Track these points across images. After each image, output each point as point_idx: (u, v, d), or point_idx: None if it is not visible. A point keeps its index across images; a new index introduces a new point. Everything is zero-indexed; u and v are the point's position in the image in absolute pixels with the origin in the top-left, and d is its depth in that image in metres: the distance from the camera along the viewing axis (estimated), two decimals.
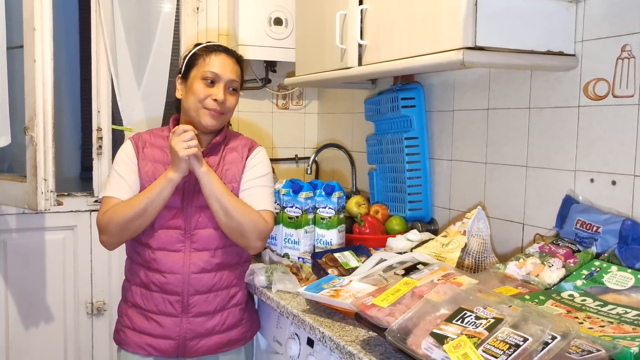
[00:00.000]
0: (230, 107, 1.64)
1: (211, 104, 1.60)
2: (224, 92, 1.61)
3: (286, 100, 2.92)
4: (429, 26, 1.52)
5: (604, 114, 1.48)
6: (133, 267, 1.66)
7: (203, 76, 1.61)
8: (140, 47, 2.54)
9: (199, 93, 1.60)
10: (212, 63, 1.62)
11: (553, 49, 1.51)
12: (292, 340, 1.55)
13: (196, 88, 1.61)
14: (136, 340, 1.62)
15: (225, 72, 1.62)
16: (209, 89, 1.61)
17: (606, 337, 1.04)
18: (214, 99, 1.60)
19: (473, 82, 1.91)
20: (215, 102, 1.60)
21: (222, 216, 1.56)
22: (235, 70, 1.65)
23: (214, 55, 1.63)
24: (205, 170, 1.55)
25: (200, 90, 1.60)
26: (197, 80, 1.62)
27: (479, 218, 1.65)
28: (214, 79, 1.61)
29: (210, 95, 1.60)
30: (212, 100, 1.60)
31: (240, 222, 1.56)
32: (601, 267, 1.35)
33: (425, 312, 1.10)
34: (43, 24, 2.01)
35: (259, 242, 1.60)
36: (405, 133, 2.08)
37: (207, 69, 1.61)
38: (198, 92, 1.60)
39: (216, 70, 1.61)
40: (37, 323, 2.48)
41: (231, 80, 1.63)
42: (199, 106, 1.61)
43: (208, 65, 1.61)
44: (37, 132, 2.03)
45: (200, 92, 1.60)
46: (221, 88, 1.61)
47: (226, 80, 1.62)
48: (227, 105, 1.63)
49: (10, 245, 2.41)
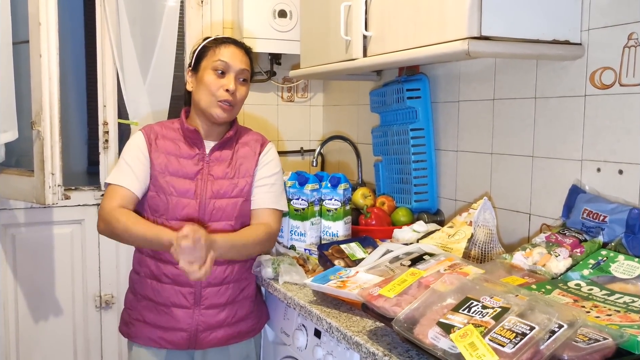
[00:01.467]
0: (241, 98, 1.65)
1: (223, 94, 1.60)
2: (235, 82, 1.62)
3: (291, 92, 2.92)
4: (434, 16, 1.51)
5: (610, 103, 1.47)
6: (143, 259, 1.67)
7: (214, 67, 1.62)
8: (146, 41, 2.54)
9: (210, 84, 1.61)
10: (222, 53, 1.62)
11: (559, 37, 1.50)
12: (299, 332, 1.56)
13: (207, 79, 1.61)
14: (147, 334, 1.63)
15: (235, 62, 1.62)
16: (220, 79, 1.62)
17: (613, 326, 1.04)
18: (225, 89, 1.60)
19: (478, 73, 1.90)
20: (227, 92, 1.60)
21: (245, 256, 1.66)
22: (245, 61, 1.66)
23: (224, 47, 1.64)
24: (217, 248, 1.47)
25: (212, 81, 1.61)
26: (207, 71, 1.62)
27: (485, 208, 1.64)
28: (224, 69, 1.62)
29: (222, 85, 1.61)
30: (224, 90, 1.60)
31: (258, 250, 1.67)
32: (608, 257, 1.35)
33: (432, 302, 1.10)
34: (48, 18, 2.01)
35: (271, 247, 1.72)
36: (410, 124, 2.08)
37: (217, 58, 1.62)
38: (209, 83, 1.61)
39: (226, 59, 1.62)
40: (46, 316, 2.50)
41: (242, 69, 1.64)
42: (211, 98, 1.61)
43: (218, 55, 1.62)
44: (44, 127, 2.04)
45: (211, 83, 1.61)
46: (232, 78, 1.62)
47: (237, 70, 1.63)
48: (238, 96, 1.64)
49: (18, 239, 2.43)
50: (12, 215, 2.41)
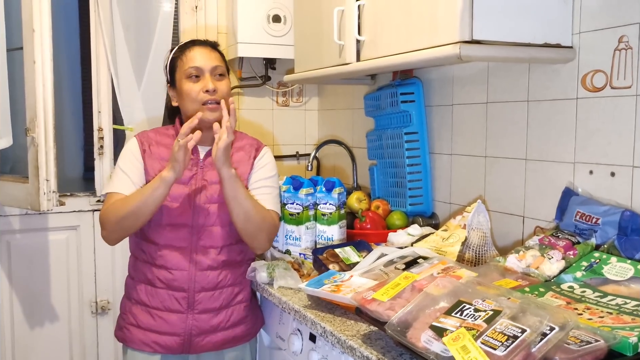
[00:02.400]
0: (224, 93, 1.64)
1: (204, 96, 1.61)
2: (212, 80, 1.62)
3: (286, 97, 2.92)
4: (425, 21, 1.52)
5: (602, 106, 1.48)
6: (137, 264, 1.67)
7: (187, 75, 1.63)
8: (140, 47, 2.55)
9: (189, 92, 1.62)
10: (189, 59, 1.64)
11: (550, 41, 1.51)
12: (294, 336, 1.56)
13: (185, 88, 1.63)
14: (141, 338, 1.63)
15: (205, 62, 1.63)
16: (197, 83, 1.62)
17: (605, 328, 1.04)
18: (205, 91, 1.61)
19: (471, 76, 1.91)
20: (208, 92, 1.61)
21: (241, 219, 1.57)
22: (215, 57, 1.66)
23: (189, 52, 1.65)
24: (232, 174, 1.54)
25: (190, 88, 1.62)
26: (183, 81, 1.63)
27: (479, 211, 1.65)
28: (197, 72, 1.63)
29: (201, 88, 1.61)
30: (204, 92, 1.61)
31: (257, 226, 1.59)
32: (601, 259, 1.36)
33: (425, 305, 1.11)
34: (42, 25, 2.02)
35: (268, 244, 1.66)
36: (405, 128, 2.09)
37: (187, 66, 1.63)
38: (188, 91, 1.62)
39: (196, 63, 1.63)
40: (42, 323, 2.50)
41: (214, 67, 1.64)
42: (195, 104, 1.62)
43: (187, 62, 1.63)
44: (39, 133, 2.04)
45: (190, 90, 1.62)
46: (208, 78, 1.62)
47: (210, 69, 1.63)
48: (220, 92, 1.63)
49: (13, 245, 2.43)
50: (7, 221, 2.41)
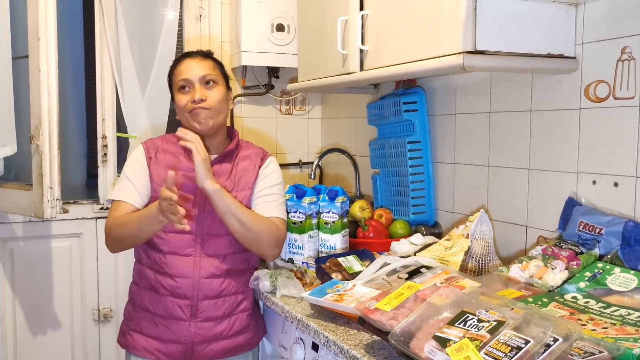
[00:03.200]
0: (214, 102, 1.65)
1: (191, 106, 1.63)
2: (200, 90, 1.63)
3: (289, 105, 2.93)
4: (429, 31, 1.53)
5: (605, 116, 1.49)
6: (142, 270, 1.68)
7: (177, 87, 1.67)
8: (144, 55, 2.56)
9: (179, 103, 1.66)
10: (179, 72, 1.67)
11: (553, 51, 1.52)
12: (297, 345, 1.55)
13: (177, 100, 1.67)
14: (144, 345, 1.64)
15: (192, 73, 1.65)
16: (186, 95, 1.65)
17: (609, 339, 1.04)
18: (192, 101, 1.63)
19: (474, 86, 1.92)
20: (194, 102, 1.62)
21: (238, 229, 1.58)
22: (204, 65, 1.67)
23: (179, 65, 1.68)
24: (217, 189, 1.55)
25: (179, 100, 1.66)
26: (176, 94, 1.68)
27: (482, 221, 1.65)
28: (186, 84, 1.65)
29: (188, 99, 1.64)
30: (191, 102, 1.63)
31: (257, 233, 1.59)
32: (604, 269, 1.35)
33: (428, 315, 1.11)
34: (48, 34, 2.03)
35: (275, 250, 1.65)
36: (407, 137, 2.09)
37: (177, 78, 1.67)
38: (178, 102, 1.66)
39: (184, 75, 1.65)
40: (44, 330, 2.49)
41: (202, 76, 1.65)
42: (184, 115, 1.66)
43: (177, 75, 1.67)
44: (43, 141, 2.05)
45: (179, 101, 1.66)
46: (196, 88, 1.64)
47: (198, 79, 1.65)
48: (210, 100, 1.64)
49: (17, 253, 2.43)
50: (10, 229, 2.41)
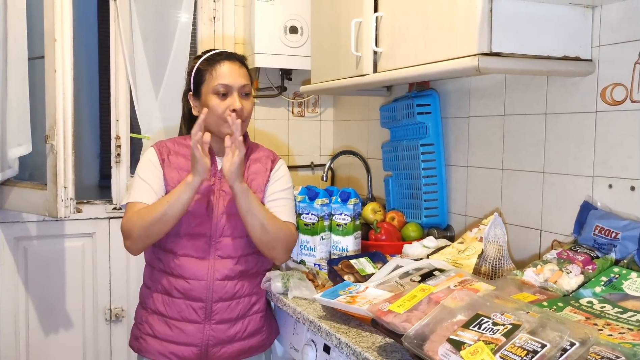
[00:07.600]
0: (247, 113, 1.65)
1: (228, 114, 1.57)
2: (240, 100, 1.62)
3: (302, 107, 2.93)
4: (444, 33, 1.52)
5: (621, 119, 1.47)
6: (154, 273, 1.67)
7: (215, 91, 1.60)
8: (158, 57, 2.57)
9: (215, 108, 1.60)
10: (219, 75, 1.60)
11: (569, 54, 1.50)
12: (308, 347, 1.55)
13: (212, 104, 1.60)
14: (158, 348, 1.63)
15: (234, 80, 1.61)
16: (224, 101, 1.60)
17: (626, 345, 1.02)
18: (232, 110, 1.59)
19: (489, 88, 1.90)
20: (235, 111, 1.59)
21: (258, 230, 1.58)
22: (243, 74, 1.64)
23: (219, 66, 1.62)
24: (245, 188, 1.55)
25: (216, 105, 1.60)
26: (209, 96, 1.61)
27: (496, 224, 1.64)
28: (226, 90, 1.60)
29: (228, 106, 1.59)
30: (231, 111, 1.59)
31: (274, 236, 1.59)
32: (620, 274, 1.34)
33: (442, 318, 1.10)
34: (63, 35, 2.05)
35: (287, 254, 1.67)
36: (420, 139, 2.08)
37: (216, 82, 1.60)
38: (214, 107, 1.60)
39: (226, 81, 1.60)
40: (56, 329, 2.51)
41: (242, 85, 1.62)
42: (219, 120, 1.60)
43: (216, 78, 1.60)
44: (58, 141, 2.07)
45: (216, 107, 1.60)
46: (235, 97, 1.61)
47: (238, 87, 1.62)
48: (245, 111, 1.64)
49: (30, 252, 2.45)
50: (24, 228, 2.43)
